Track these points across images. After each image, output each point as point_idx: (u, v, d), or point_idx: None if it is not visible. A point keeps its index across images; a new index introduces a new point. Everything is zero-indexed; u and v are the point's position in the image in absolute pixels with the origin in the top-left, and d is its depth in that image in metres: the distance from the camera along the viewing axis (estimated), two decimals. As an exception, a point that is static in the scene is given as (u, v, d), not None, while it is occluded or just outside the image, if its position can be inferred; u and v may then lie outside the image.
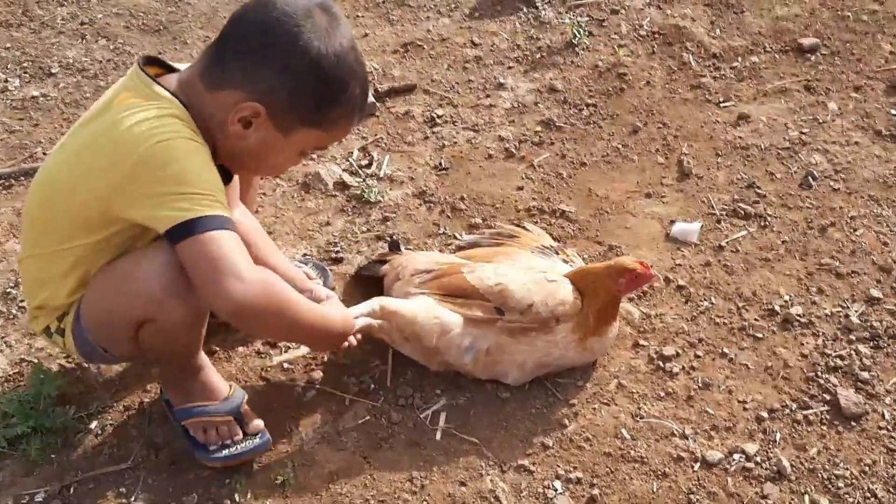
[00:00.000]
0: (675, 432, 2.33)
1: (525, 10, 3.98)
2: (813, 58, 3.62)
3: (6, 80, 3.61)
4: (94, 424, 2.38)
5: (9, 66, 3.69)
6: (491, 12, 4.01)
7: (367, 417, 2.38)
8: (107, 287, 2.08)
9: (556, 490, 2.20)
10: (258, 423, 2.31)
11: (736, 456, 2.26)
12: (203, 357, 2.32)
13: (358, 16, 4.07)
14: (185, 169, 1.90)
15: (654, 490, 2.20)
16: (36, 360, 2.49)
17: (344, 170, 3.19)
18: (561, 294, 2.39)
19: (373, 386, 2.46)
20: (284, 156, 2.13)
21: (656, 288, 2.72)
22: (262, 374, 2.50)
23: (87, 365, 2.50)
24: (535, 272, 2.48)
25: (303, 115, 2.00)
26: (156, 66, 2.09)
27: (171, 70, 2.10)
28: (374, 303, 2.35)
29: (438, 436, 2.33)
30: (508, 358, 2.38)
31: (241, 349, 2.57)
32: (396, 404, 2.41)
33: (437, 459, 2.27)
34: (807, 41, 3.69)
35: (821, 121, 3.31)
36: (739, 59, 3.65)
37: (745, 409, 2.38)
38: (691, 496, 2.18)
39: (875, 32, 3.75)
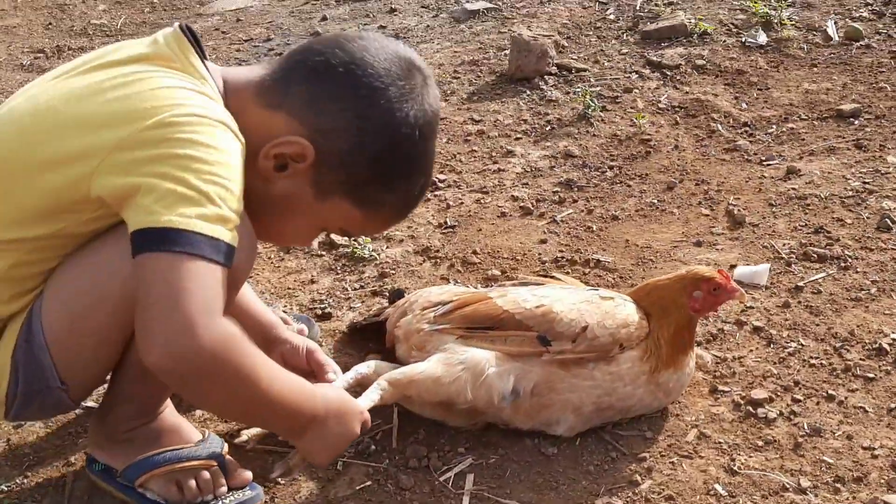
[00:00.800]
0: (788, 486, 1.71)
1: (529, 91, 3.60)
2: (857, 122, 3.23)
3: None
4: (-5, 505, 1.73)
5: None
6: (491, 95, 3.63)
7: (368, 483, 1.76)
8: (100, 272, 1.50)
9: (636, 560, 1.56)
10: (246, 474, 1.73)
11: (878, 510, 1.64)
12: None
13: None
14: (206, 158, 1.38)
15: (776, 555, 1.56)
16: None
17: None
18: (622, 314, 1.83)
19: (374, 447, 1.85)
20: (304, 223, 1.66)
21: (727, 332, 2.16)
22: (228, 440, 1.87)
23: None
24: (584, 291, 1.93)
25: (350, 181, 1.57)
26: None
27: (203, 55, 1.60)
28: (381, 384, 1.76)
29: (466, 501, 1.70)
30: (560, 399, 1.79)
31: (200, 413, 1.96)
32: (406, 467, 1.80)
33: (466, 529, 1.63)
34: (847, 107, 3.30)
35: (883, 172, 2.87)
36: (775, 126, 3.25)
37: (874, 456, 1.78)
38: (828, 560, 1.54)
39: (919, 99, 3.37)
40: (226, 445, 1.74)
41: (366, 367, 1.84)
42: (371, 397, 1.72)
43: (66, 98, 1.47)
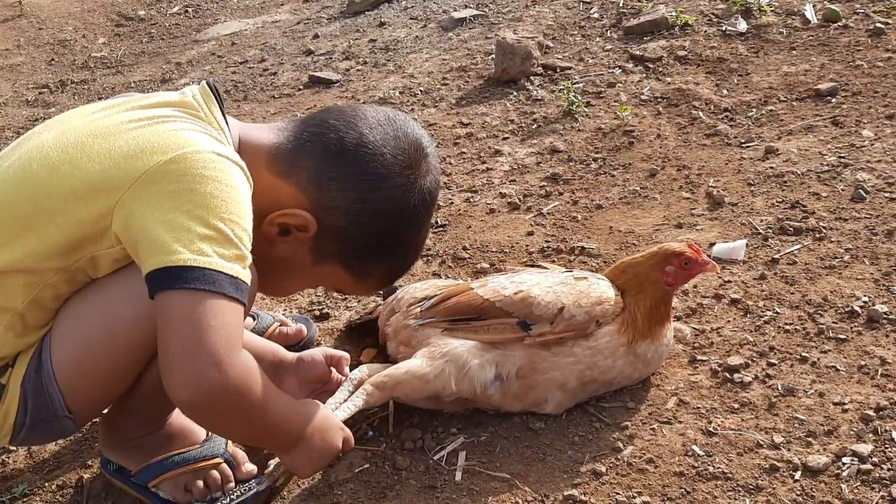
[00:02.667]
0: (762, 443, 1.80)
1: (515, 93, 3.71)
2: (833, 100, 3.31)
3: None
4: (17, 508, 1.84)
5: None
6: (479, 99, 3.75)
7: (366, 466, 1.86)
8: (109, 311, 1.58)
9: (618, 519, 1.66)
10: (250, 466, 1.82)
11: (846, 459, 1.73)
12: None
13: (338, 115, 3.80)
14: (224, 196, 1.46)
15: (749, 506, 1.65)
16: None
17: (327, 236, 2.78)
18: (596, 292, 1.93)
19: (371, 433, 1.95)
20: (300, 281, 1.81)
21: (706, 305, 2.25)
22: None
23: (12, 448, 1.99)
24: (560, 274, 2.03)
25: (346, 253, 1.69)
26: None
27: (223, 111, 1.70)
28: (366, 388, 1.85)
29: (458, 476, 1.81)
30: (545, 378, 1.89)
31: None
32: (402, 448, 1.90)
33: (458, 501, 1.75)
34: (824, 86, 3.39)
35: (858, 146, 2.95)
36: (754, 109, 3.33)
37: (844, 410, 1.87)
38: (799, 509, 1.63)
39: (894, 74, 3.45)
40: (230, 442, 1.85)
41: (359, 372, 1.92)
42: (355, 403, 1.81)
43: (94, 133, 1.55)
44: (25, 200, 1.54)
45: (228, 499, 1.76)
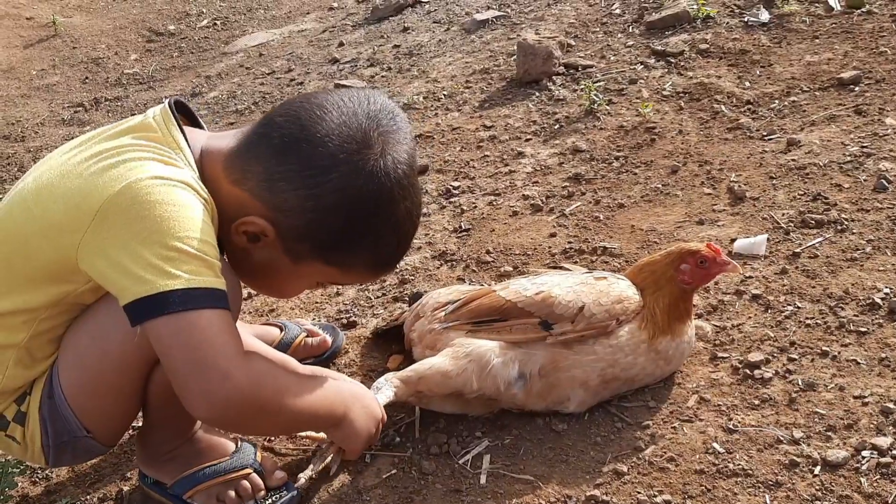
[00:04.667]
0: (782, 438, 1.82)
1: (538, 93, 3.73)
2: (857, 88, 3.29)
3: None
4: (61, 522, 1.92)
5: None
6: (502, 101, 3.78)
7: (394, 471, 1.91)
8: (99, 333, 1.64)
9: (639, 518, 1.69)
10: (281, 474, 1.88)
11: (866, 453, 1.75)
12: None
13: (364, 123, 3.86)
14: (174, 216, 1.48)
15: (768, 502, 1.67)
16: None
17: (354, 245, 2.83)
18: (616, 290, 1.96)
19: (398, 439, 2.00)
20: (293, 282, 1.76)
21: (727, 302, 2.27)
22: (264, 444, 2.04)
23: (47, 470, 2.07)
24: (580, 275, 2.06)
25: (316, 249, 1.63)
26: (183, 115, 1.73)
27: (198, 125, 1.76)
28: (392, 382, 1.92)
29: (483, 479, 1.85)
30: (566, 376, 1.92)
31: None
32: (428, 453, 1.94)
33: (483, 504, 1.78)
34: (847, 74, 3.37)
35: (881, 135, 2.94)
36: (777, 101, 3.33)
37: (864, 403, 1.88)
38: (817, 503, 1.65)
39: (919, 60, 3.43)
40: (259, 450, 1.90)
41: (394, 379, 1.95)
42: (386, 394, 1.87)
43: (62, 174, 1.60)
44: (7, 244, 1.62)
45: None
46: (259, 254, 1.66)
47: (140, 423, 1.95)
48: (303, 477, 1.84)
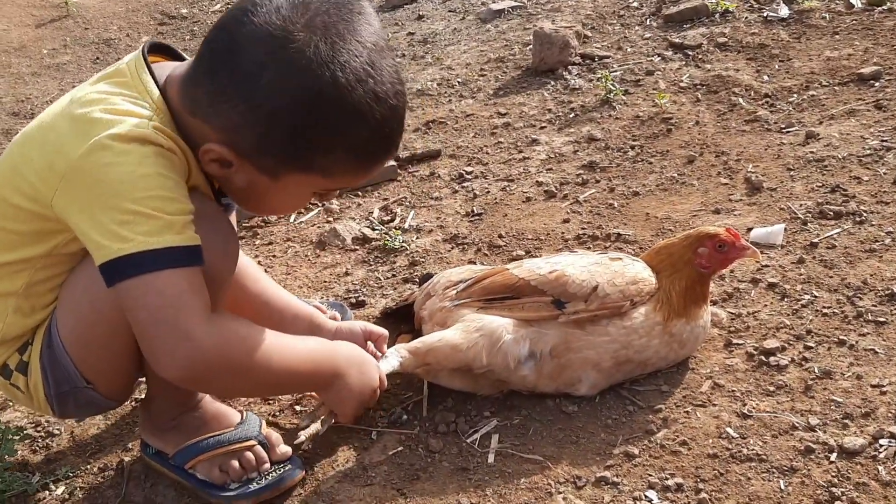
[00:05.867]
0: (797, 425, 1.79)
1: (553, 82, 3.70)
2: (877, 84, 3.25)
3: None
4: (60, 490, 1.89)
5: None
6: (516, 89, 3.74)
7: (400, 448, 1.88)
8: (90, 284, 1.60)
9: (649, 500, 1.66)
10: (285, 448, 1.84)
11: (883, 441, 1.71)
12: None
13: (377, 108, 3.83)
14: (130, 176, 1.45)
15: (782, 488, 1.64)
16: (-8, 418, 2.03)
17: (364, 226, 2.80)
18: (631, 272, 1.93)
19: (405, 417, 1.97)
20: (284, 199, 1.67)
21: (742, 290, 2.23)
22: (269, 419, 2.01)
23: (54, 421, 2.04)
24: (595, 255, 2.03)
25: (284, 159, 1.54)
26: (163, 54, 1.69)
27: (179, 59, 1.70)
28: (401, 352, 1.90)
29: (491, 458, 1.82)
30: (578, 357, 1.88)
31: (243, 398, 2.09)
32: (436, 432, 1.91)
33: (491, 483, 1.75)
34: (868, 70, 3.33)
35: (901, 129, 2.90)
36: (795, 95, 3.29)
37: (882, 392, 1.84)
38: (833, 490, 1.61)
39: (940, 57, 3.39)
40: (264, 423, 1.87)
41: (395, 351, 1.93)
42: (391, 363, 1.84)
43: (42, 127, 1.60)
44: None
45: (264, 479, 1.78)
46: (237, 178, 1.59)
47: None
48: (303, 435, 1.80)
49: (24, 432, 2.05)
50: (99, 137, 1.47)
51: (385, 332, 2.04)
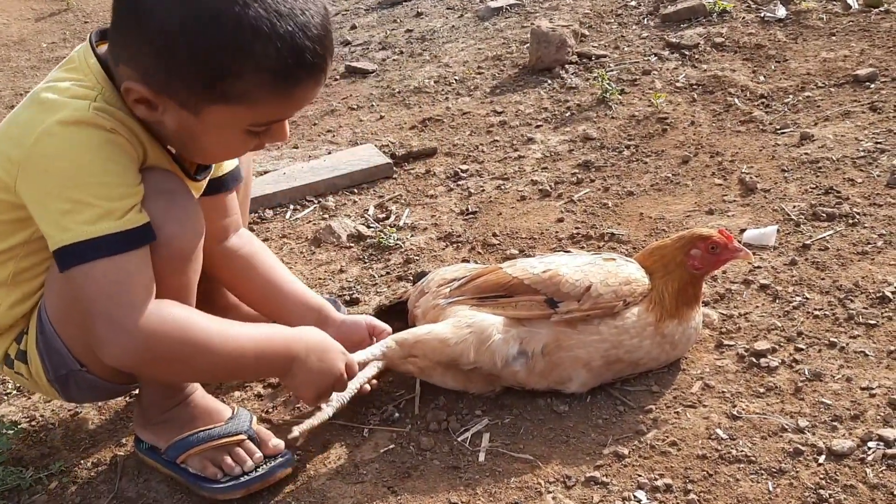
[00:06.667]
0: (787, 427, 1.79)
1: (550, 81, 3.71)
2: (872, 86, 3.27)
3: None
4: (53, 485, 1.90)
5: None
6: (513, 87, 3.75)
7: (391, 446, 1.88)
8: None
9: (638, 500, 1.67)
10: (277, 442, 1.85)
11: (872, 444, 1.72)
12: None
13: (373, 105, 3.83)
14: (72, 164, 1.49)
15: (770, 490, 1.65)
16: (-14, 413, 2.04)
17: (359, 224, 2.81)
18: (624, 272, 1.94)
19: (397, 415, 1.98)
20: (215, 139, 1.61)
21: (734, 291, 2.24)
22: (262, 416, 2.02)
23: (48, 415, 2.05)
24: (588, 255, 2.04)
25: (198, 92, 1.51)
26: None
27: None
28: (387, 342, 1.92)
29: (482, 457, 1.83)
30: (569, 356, 1.89)
31: (237, 393, 2.11)
32: (427, 430, 1.92)
33: (481, 482, 1.76)
34: (863, 72, 3.34)
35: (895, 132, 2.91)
36: (791, 96, 3.30)
37: (871, 395, 1.85)
38: (820, 492, 1.62)
39: (936, 60, 3.40)
40: (255, 418, 1.88)
41: (390, 340, 1.95)
42: (372, 351, 1.86)
43: (7, 120, 1.64)
44: None
45: (256, 472, 1.79)
46: (167, 120, 1.57)
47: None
48: (296, 430, 1.80)
49: (19, 426, 2.06)
50: (45, 126, 1.51)
51: (388, 327, 2.05)
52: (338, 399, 1.85)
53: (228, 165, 1.95)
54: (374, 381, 1.98)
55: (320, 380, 1.75)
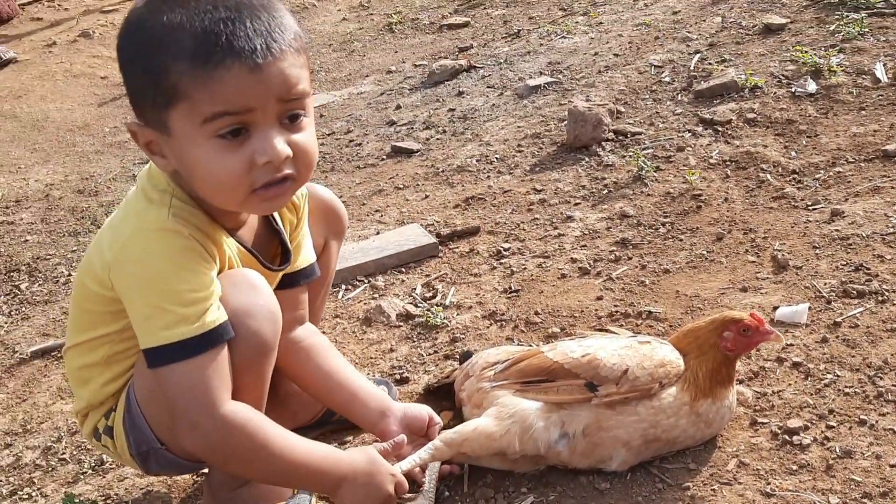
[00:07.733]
0: (818, 504, 1.88)
1: (587, 158, 3.85)
2: (902, 161, 3.36)
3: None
4: (129, 562, 2.04)
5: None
6: (552, 165, 3.90)
7: (441, 524, 1.99)
8: None
9: (678, 576, 1.76)
10: None
11: (901, 520, 1.80)
12: None
13: (418, 184, 4.01)
14: (150, 272, 1.68)
15: (804, 565, 1.74)
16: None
17: (407, 303, 2.96)
18: (659, 355, 2.05)
19: (447, 493, 2.09)
20: (195, 154, 1.60)
21: (767, 369, 2.34)
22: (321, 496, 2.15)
23: (122, 493, 2.20)
24: (625, 339, 2.16)
25: (151, 104, 1.61)
26: None
27: None
28: (435, 443, 2.04)
29: (528, 534, 1.93)
30: (609, 436, 2.00)
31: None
32: (475, 508, 2.03)
33: (527, 558, 1.86)
34: (892, 147, 3.44)
35: (924, 207, 3.00)
36: (822, 171, 3.41)
37: (901, 472, 1.93)
38: (852, 568, 1.71)
39: (964, 133, 3.50)
40: (314, 499, 2.01)
41: (438, 441, 2.06)
42: (420, 456, 1.98)
43: (109, 219, 1.87)
44: (78, 285, 1.89)
45: (314, 550, 1.92)
46: (172, 158, 1.66)
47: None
48: None
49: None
50: (129, 232, 1.72)
51: (441, 421, 2.18)
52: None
53: (304, 261, 2.10)
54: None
55: (366, 501, 1.87)
